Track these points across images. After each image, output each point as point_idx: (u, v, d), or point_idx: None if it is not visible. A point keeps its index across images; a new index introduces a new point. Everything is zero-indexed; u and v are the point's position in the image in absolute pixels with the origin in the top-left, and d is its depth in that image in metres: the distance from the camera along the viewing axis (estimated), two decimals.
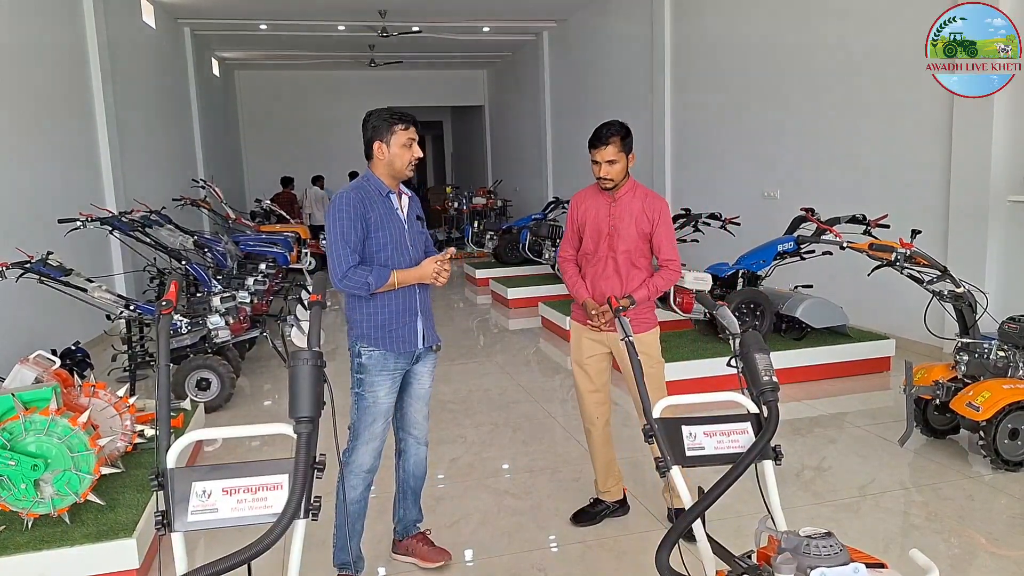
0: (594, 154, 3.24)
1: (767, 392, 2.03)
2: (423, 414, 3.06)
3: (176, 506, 1.75)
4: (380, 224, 2.80)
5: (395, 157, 2.81)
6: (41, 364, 3.63)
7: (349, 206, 2.75)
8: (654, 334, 3.36)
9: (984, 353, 4.06)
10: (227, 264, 6.65)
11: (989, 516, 3.48)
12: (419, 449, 3.09)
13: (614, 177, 3.23)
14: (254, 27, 13.20)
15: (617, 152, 3.19)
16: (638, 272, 3.30)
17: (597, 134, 3.22)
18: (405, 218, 2.90)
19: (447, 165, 25.22)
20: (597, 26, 12.20)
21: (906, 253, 4.12)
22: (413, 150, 2.83)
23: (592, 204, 3.37)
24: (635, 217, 3.26)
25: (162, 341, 1.87)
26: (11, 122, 6.46)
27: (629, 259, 3.28)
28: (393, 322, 2.84)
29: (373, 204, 2.80)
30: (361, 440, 2.85)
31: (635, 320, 3.26)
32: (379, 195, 2.84)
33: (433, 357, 3.04)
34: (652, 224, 3.27)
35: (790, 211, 6.36)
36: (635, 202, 3.28)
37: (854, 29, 6.71)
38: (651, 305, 3.37)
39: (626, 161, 3.23)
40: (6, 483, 2.92)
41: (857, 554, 1.68)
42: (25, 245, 5.13)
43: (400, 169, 2.83)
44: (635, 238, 3.27)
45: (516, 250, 10.72)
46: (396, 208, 2.87)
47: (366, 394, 2.84)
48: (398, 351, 2.86)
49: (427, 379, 3.03)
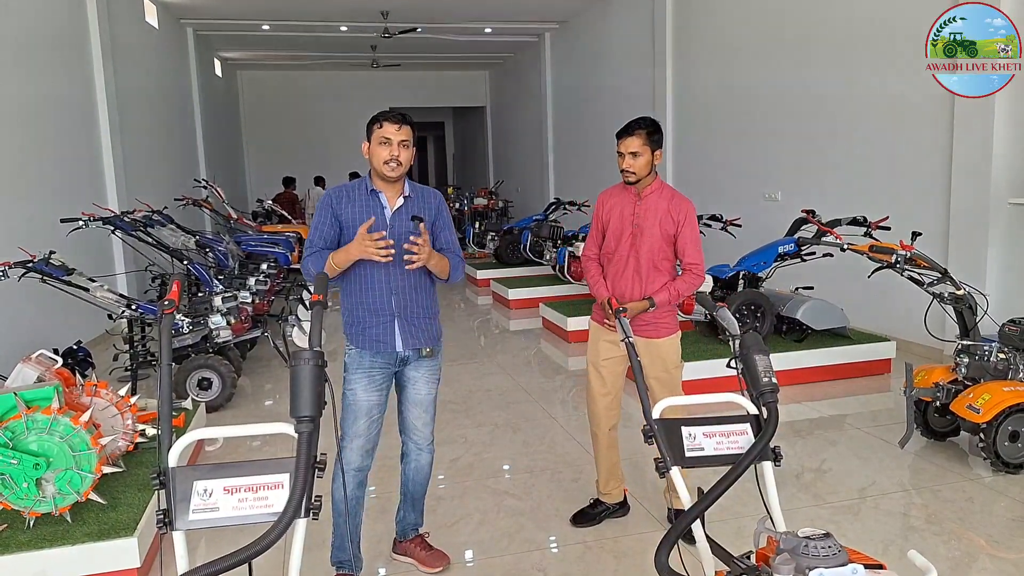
0: (619, 144, 3.21)
1: (767, 393, 2.03)
2: (422, 420, 3.02)
3: (177, 505, 1.76)
4: (354, 220, 2.79)
5: (372, 155, 2.80)
6: (43, 363, 3.64)
7: (324, 202, 2.84)
8: (674, 339, 3.30)
9: (984, 355, 4.06)
10: (229, 264, 6.65)
11: (989, 518, 3.48)
12: (420, 455, 3.07)
13: (637, 171, 3.18)
14: (256, 27, 13.23)
15: (642, 145, 3.15)
16: (659, 274, 3.24)
17: (626, 125, 3.20)
18: (390, 216, 2.84)
19: (448, 166, 25.24)
20: (599, 28, 12.21)
21: (906, 255, 4.12)
22: (392, 149, 2.76)
23: (617, 202, 3.33)
24: (660, 217, 3.21)
25: (164, 340, 1.88)
26: (14, 121, 6.47)
27: (651, 260, 3.22)
28: (366, 320, 2.84)
29: (352, 201, 2.82)
30: (346, 438, 2.85)
31: (655, 324, 3.23)
32: (363, 193, 2.84)
33: (429, 363, 2.96)
34: (677, 226, 3.20)
35: (791, 213, 6.36)
36: (661, 202, 3.23)
37: (856, 30, 6.71)
38: (672, 309, 3.29)
39: (651, 157, 3.18)
40: (8, 482, 2.94)
41: (855, 555, 1.68)
42: (27, 244, 5.14)
43: (378, 167, 2.79)
44: (658, 238, 3.21)
45: (517, 251, 10.73)
46: (383, 207, 2.84)
47: (347, 391, 2.87)
48: (373, 350, 2.84)
49: (423, 386, 2.97)
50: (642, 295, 3.22)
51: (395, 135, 2.76)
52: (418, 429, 3.02)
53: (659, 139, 3.21)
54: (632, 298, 3.23)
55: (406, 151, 2.80)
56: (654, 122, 3.20)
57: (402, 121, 2.78)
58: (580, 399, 5.69)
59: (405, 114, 2.80)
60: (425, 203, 2.93)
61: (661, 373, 3.28)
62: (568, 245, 8.43)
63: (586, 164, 13.17)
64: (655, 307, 3.16)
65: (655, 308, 3.17)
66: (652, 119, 3.23)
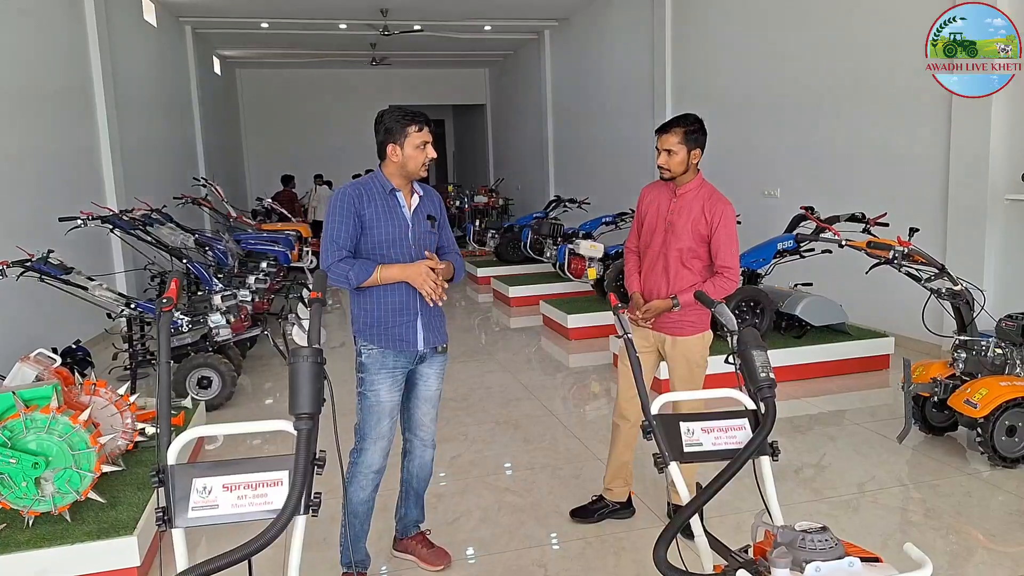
0: (657, 141, 3.19)
1: (764, 388, 2.03)
2: (430, 416, 3.01)
3: (177, 502, 1.76)
4: (377, 221, 2.75)
5: (408, 159, 2.76)
6: (42, 362, 3.64)
7: (345, 201, 2.74)
8: (700, 339, 3.25)
9: (982, 350, 4.06)
10: (228, 262, 6.65)
11: (987, 512, 3.50)
12: (425, 451, 3.04)
13: (672, 168, 3.16)
14: (255, 25, 13.21)
15: (678, 143, 3.12)
16: (688, 273, 3.19)
17: (666, 121, 3.18)
18: (410, 216, 2.83)
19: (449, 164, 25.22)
20: (599, 26, 12.20)
21: (904, 251, 4.12)
22: (427, 151, 2.78)
23: (655, 196, 3.32)
24: (693, 216, 3.16)
25: (163, 338, 1.88)
26: (12, 120, 6.47)
27: (680, 258, 3.18)
28: (389, 320, 2.79)
29: (372, 201, 2.77)
30: (368, 440, 2.82)
31: (680, 323, 3.21)
32: (381, 192, 2.80)
33: (441, 359, 2.97)
34: (711, 227, 3.13)
35: (790, 209, 6.36)
36: (696, 201, 3.18)
37: (855, 28, 6.71)
38: (701, 309, 3.17)
39: (687, 155, 3.14)
40: (7, 481, 2.94)
41: (852, 548, 1.69)
42: (26, 243, 5.14)
43: (414, 171, 2.79)
44: (689, 237, 3.15)
45: (518, 249, 10.72)
46: (401, 206, 2.82)
47: (368, 393, 2.81)
48: (396, 349, 2.81)
49: (434, 381, 2.97)
50: (668, 293, 3.19)
51: (429, 137, 2.80)
52: (425, 425, 3.01)
53: (698, 138, 3.16)
54: (659, 295, 3.22)
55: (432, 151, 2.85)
56: (696, 120, 3.16)
57: (427, 122, 2.81)
58: (581, 396, 5.70)
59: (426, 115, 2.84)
60: (431, 201, 2.95)
61: (683, 372, 3.26)
62: (568, 242, 8.43)
63: (586, 162, 13.17)
64: (680, 307, 3.13)
65: (680, 308, 3.14)
66: (695, 116, 3.18)
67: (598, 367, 6.28)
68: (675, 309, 3.15)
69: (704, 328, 3.27)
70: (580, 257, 8.08)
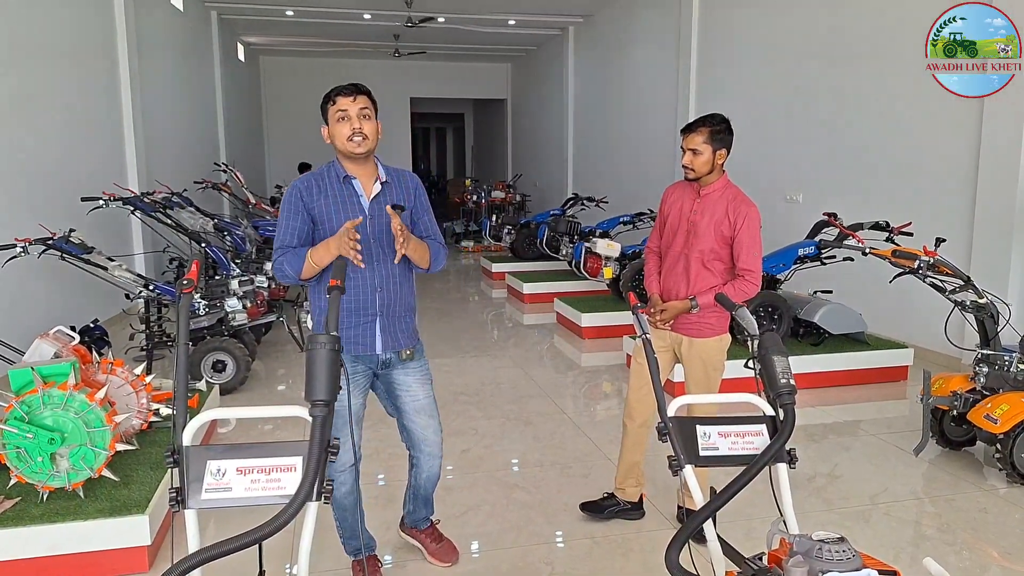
0: (682, 140, 3.17)
1: (784, 395, 2.00)
2: (432, 428, 2.83)
3: (190, 484, 1.77)
4: (328, 213, 2.59)
5: (334, 136, 2.59)
6: (60, 339, 3.67)
7: (292, 196, 2.62)
8: (719, 341, 3.20)
9: (1004, 365, 4.00)
10: (246, 248, 6.68)
11: (1003, 530, 3.44)
12: (432, 462, 2.90)
13: (696, 168, 3.14)
14: (280, 13, 13.26)
15: (703, 143, 3.10)
16: (708, 275, 3.16)
17: (692, 120, 3.16)
18: (367, 206, 2.64)
19: (467, 158, 25.22)
20: (623, 23, 12.13)
21: (929, 261, 4.07)
22: (352, 122, 2.54)
23: (679, 196, 3.29)
24: (716, 218, 3.12)
25: (182, 320, 1.88)
26: (39, 102, 6.53)
27: (701, 260, 3.15)
28: (345, 320, 2.61)
29: (324, 191, 2.61)
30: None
31: (698, 324, 3.18)
32: (336, 181, 2.64)
33: (418, 365, 2.78)
34: (734, 229, 3.09)
35: (812, 215, 6.30)
36: (720, 203, 3.14)
37: (884, 33, 6.62)
38: (720, 311, 3.14)
39: (712, 155, 3.11)
40: (23, 455, 2.97)
41: (870, 560, 1.66)
42: (48, 222, 5.18)
43: (343, 147, 2.58)
44: (711, 239, 3.12)
45: (533, 245, 10.72)
46: (358, 195, 2.64)
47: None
48: (351, 352, 2.64)
49: (419, 389, 2.78)
50: (688, 294, 3.16)
51: (352, 106, 2.56)
52: (428, 439, 2.85)
53: (724, 138, 3.12)
54: (678, 296, 3.19)
55: (369, 122, 2.58)
56: (723, 120, 3.13)
57: (356, 91, 2.57)
58: (592, 396, 5.67)
59: (358, 84, 2.62)
60: (402, 188, 2.74)
61: (699, 374, 3.23)
62: (585, 241, 8.40)
63: (605, 160, 13.11)
64: (698, 308, 3.10)
65: (698, 310, 3.11)
66: (721, 116, 3.15)
67: (611, 367, 6.26)
68: (694, 311, 3.13)
69: (722, 331, 3.24)
70: (597, 256, 8.04)
